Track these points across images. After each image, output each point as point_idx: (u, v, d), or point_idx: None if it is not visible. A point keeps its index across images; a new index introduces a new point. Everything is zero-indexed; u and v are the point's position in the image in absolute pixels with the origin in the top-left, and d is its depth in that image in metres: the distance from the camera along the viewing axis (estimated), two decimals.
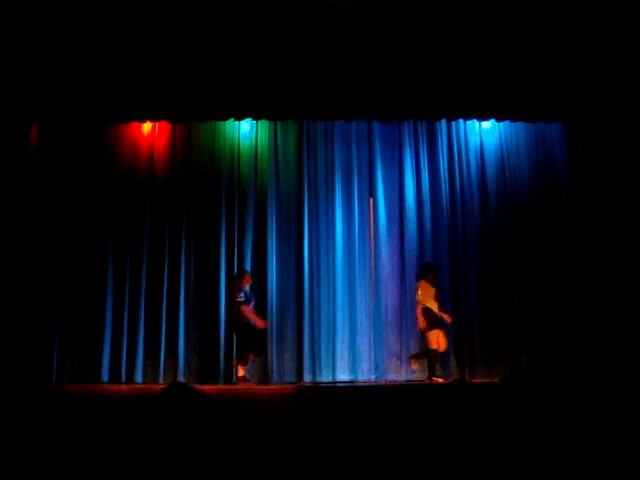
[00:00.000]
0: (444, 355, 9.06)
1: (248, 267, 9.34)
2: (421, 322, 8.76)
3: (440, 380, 8.48)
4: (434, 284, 8.88)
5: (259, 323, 8.70)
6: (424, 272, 8.95)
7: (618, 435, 3.09)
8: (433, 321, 8.73)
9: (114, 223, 9.35)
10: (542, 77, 8.57)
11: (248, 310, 8.67)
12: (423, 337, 8.85)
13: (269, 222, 9.53)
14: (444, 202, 9.69)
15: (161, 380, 8.91)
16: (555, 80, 8.59)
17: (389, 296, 9.44)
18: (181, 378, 8.86)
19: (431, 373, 8.69)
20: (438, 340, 8.71)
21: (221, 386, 8.62)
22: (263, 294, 9.32)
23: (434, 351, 8.72)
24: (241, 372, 8.66)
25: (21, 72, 8.35)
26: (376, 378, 9.15)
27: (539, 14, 8.35)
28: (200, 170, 9.64)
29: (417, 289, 8.87)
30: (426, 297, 8.77)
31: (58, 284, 9.06)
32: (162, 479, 2.22)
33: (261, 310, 9.22)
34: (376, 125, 9.78)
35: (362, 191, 9.73)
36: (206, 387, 7.70)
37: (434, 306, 8.74)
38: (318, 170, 9.74)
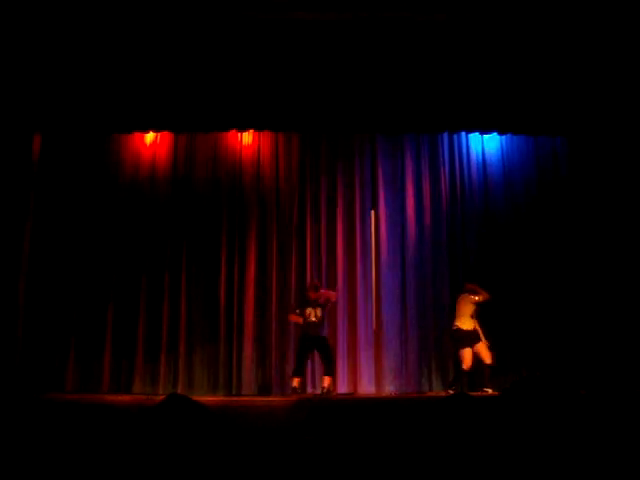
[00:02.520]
0: (442, 367, 9.17)
1: (252, 279, 9.39)
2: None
3: None
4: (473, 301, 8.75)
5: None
6: (465, 288, 8.91)
7: (616, 448, 3.08)
8: (458, 340, 8.70)
9: (116, 233, 9.38)
10: (544, 91, 8.61)
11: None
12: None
13: (270, 234, 9.55)
14: (445, 215, 9.69)
15: (161, 391, 8.89)
16: (557, 94, 8.62)
17: (389, 308, 9.41)
18: (181, 389, 8.85)
19: (450, 386, 8.72)
20: (464, 359, 8.60)
21: (221, 397, 8.61)
22: (264, 307, 9.34)
23: (461, 371, 8.66)
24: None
25: (25, 81, 8.40)
26: (376, 390, 9.13)
27: (541, 29, 8.38)
28: (202, 181, 9.66)
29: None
30: (459, 314, 8.74)
31: (59, 293, 9.08)
32: None
33: (263, 323, 9.25)
34: (378, 138, 9.80)
35: (364, 203, 9.73)
36: (206, 398, 7.71)
37: (465, 324, 8.68)
38: (320, 182, 9.76)
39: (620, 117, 8.64)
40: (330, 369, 8.59)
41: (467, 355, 8.59)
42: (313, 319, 8.57)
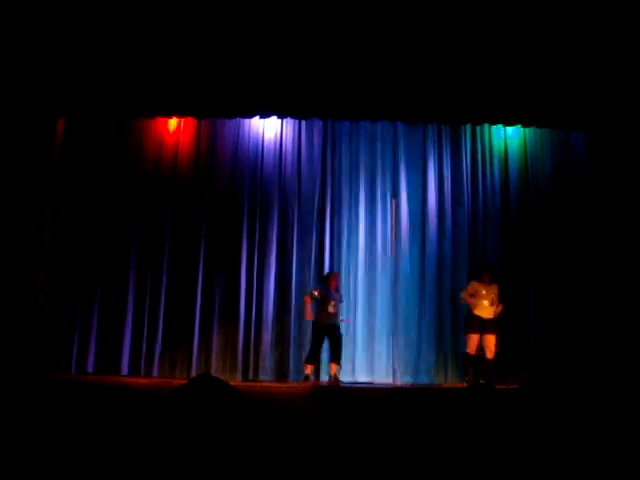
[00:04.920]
0: (458, 359, 9.18)
1: (272, 265, 9.40)
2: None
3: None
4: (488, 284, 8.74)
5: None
6: (478, 272, 8.91)
7: (635, 440, 3.08)
8: (466, 324, 8.76)
9: (137, 217, 9.43)
10: (569, 84, 8.54)
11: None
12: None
13: (291, 221, 9.55)
14: (466, 206, 9.66)
15: (178, 375, 8.97)
16: (581, 87, 8.55)
17: (409, 298, 9.41)
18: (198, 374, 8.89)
19: (464, 375, 8.73)
20: (468, 343, 8.67)
21: (238, 383, 8.64)
22: (284, 293, 9.37)
23: (466, 354, 8.72)
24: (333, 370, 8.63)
25: (49, 65, 8.43)
26: (394, 380, 9.13)
27: (568, 23, 8.31)
28: (224, 167, 9.68)
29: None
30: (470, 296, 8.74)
31: (80, 276, 9.16)
32: (182, 472, 2.23)
33: (282, 309, 9.29)
34: (401, 127, 9.77)
35: (385, 192, 9.72)
36: None
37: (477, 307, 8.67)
38: (342, 170, 9.75)
39: None
40: (337, 357, 8.61)
41: (472, 339, 8.65)
42: (332, 310, 8.61)
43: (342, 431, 3.98)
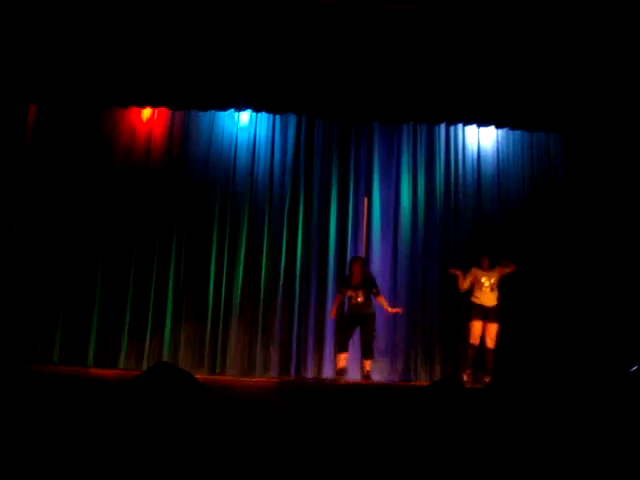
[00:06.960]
0: (428, 357, 9.18)
1: (242, 260, 9.35)
2: None
3: (464, 377, 8.45)
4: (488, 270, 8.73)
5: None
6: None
7: (607, 437, 3.09)
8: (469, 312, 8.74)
9: (107, 207, 9.32)
10: (543, 86, 8.59)
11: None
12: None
13: (262, 216, 9.53)
14: (438, 205, 9.68)
15: (145, 366, 8.90)
16: (555, 90, 8.60)
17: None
18: None
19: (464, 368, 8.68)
20: (471, 332, 8.64)
21: (205, 375, 8.59)
22: (253, 289, 9.34)
23: (469, 345, 8.66)
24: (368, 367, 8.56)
25: (22, 50, 8.30)
26: (363, 377, 9.12)
27: (542, 24, 8.36)
28: (196, 160, 9.62)
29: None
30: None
31: (47, 265, 9.04)
32: (144, 462, 2.19)
33: (252, 304, 9.24)
34: (375, 125, 9.78)
35: (358, 190, 9.72)
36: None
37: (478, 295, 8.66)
38: (315, 167, 9.73)
39: (621, 115, 8.61)
40: (368, 351, 8.54)
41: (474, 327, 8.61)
42: (358, 300, 8.55)
43: (306, 427, 3.95)
